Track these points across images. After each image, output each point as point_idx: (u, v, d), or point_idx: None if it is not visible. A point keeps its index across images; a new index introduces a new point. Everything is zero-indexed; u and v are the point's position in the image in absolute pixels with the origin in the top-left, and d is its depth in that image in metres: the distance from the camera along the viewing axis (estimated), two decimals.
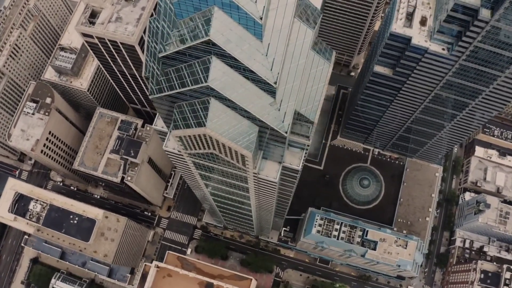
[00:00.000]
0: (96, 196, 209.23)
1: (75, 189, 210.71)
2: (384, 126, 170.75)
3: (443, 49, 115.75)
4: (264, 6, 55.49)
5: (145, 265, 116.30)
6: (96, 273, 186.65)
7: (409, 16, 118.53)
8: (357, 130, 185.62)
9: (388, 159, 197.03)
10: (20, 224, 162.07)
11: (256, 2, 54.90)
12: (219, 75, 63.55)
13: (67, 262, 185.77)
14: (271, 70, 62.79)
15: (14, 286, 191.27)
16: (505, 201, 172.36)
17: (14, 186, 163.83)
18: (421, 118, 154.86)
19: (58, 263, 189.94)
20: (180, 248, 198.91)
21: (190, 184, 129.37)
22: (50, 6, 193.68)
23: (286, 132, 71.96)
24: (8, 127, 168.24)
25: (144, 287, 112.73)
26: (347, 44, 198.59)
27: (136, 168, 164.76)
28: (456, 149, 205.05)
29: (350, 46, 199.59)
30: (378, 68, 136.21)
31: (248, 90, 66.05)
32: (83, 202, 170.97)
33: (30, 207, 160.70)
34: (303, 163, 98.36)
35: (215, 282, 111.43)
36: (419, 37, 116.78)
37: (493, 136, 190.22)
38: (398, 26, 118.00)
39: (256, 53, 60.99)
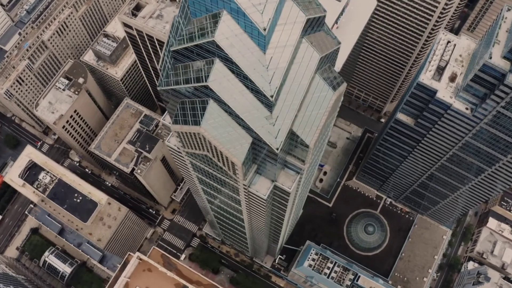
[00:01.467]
0: (107, 183, 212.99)
1: (90, 172, 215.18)
2: (399, 177, 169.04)
3: (467, 108, 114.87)
4: (269, 19, 56.93)
5: (129, 254, 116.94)
6: (89, 257, 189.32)
7: (440, 70, 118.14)
8: (373, 175, 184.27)
9: (399, 211, 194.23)
10: (27, 191, 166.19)
11: (262, 13, 56.46)
12: (219, 78, 65.11)
13: (64, 239, 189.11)
14: (270, 83, 63.91)
15: (8, 250, 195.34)
16: (507, 278, 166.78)
17: (30, 153, 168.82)
18: (436, 176, 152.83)
19: (55, 238, 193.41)
20: (175, 252, 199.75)
21: (191, 189, 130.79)
22: None
23: (277, 149, 72.46)
24: (38, 97, 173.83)
25: (121, 275, 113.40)
26: (382, 90, 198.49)
27: (148, 163, 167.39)
28: (469, 216, 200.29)
29: (384, 92, 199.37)
30: (401, 116, 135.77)
31: (246, 98, 67.27)
32: (93, 186, 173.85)
33: (40, 177, 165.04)
34: (297, 187, 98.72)
35: (190, 286, 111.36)
36: (445, 92, 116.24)
37: (510, 210, 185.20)
38: (426, 77, 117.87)
39: (258, 63, 62.33)
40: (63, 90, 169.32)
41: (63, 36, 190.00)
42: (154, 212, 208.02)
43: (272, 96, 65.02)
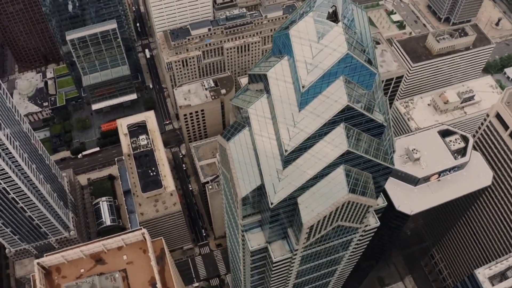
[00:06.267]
0: (190, 186, 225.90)
1: (184, 168, 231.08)
2: None
3: None
4: (312, 82, 62.00)
5: (140, 228, 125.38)
6: (130, 226, 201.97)
7: (502, 277, 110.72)
8: None
9: None
10: (124, 140, 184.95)
11: (308, 73, 62.22)
12: (259, 110, 71.36)
13: (124, 200, 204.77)
14: (291, 139, 68.46)
15: (82, 176, 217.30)
16: None
17: (148, 117, 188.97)
18: None
19: (120, 195, 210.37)
20: (193, 276, 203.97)
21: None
22: None
23: (272, 203, 75.69)
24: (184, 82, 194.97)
25: (122, 237, 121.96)
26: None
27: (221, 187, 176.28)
28: None
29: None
30: None
31: (270, 142, 71.98)
32: (176, 179, 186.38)
33: (140, 137, 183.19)
34: (289, 267, 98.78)
35: (159, 286, 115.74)
36: None
37: None
38: (482, 274, 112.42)
39: (290, 115, 67.39)
40: (205, 89, 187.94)
41: (240, 54, 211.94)
42: (204, 233, 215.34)
43: (286, 151, 69.35)
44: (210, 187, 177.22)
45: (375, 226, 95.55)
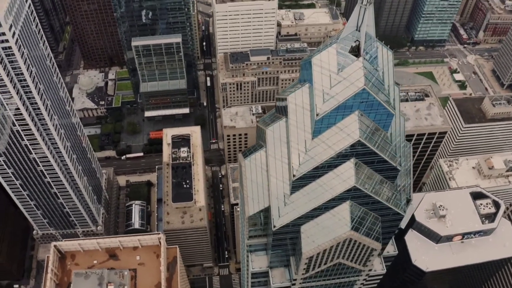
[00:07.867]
0: (222, 205, 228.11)
1: (221, 188, 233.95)
2: None
3: None
4: (326, 111, 63.50)
5: (159, 233, 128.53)
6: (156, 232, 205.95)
7: None
8: None
9: None
10: (166, 150, 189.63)
11: (323, 102, 63.48)
12: (276, 131, 73.29)
13: (157, 208, 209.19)
14: (300, 165, 69.61)
15: (122, 178, 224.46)
16: None
17: (193, 131, 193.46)
18: None
19: (153, 202, 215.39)
20: None
21: None
22: None
23: (275, 226, 76.60)
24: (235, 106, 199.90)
25: (139, 238, 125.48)
26: None
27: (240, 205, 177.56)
28: None
29: None
30: None
31: (281, 165, 73.61)
32: (210, 196, 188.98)
33: (182, 149, 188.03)
34: None
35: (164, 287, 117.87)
36: None
37: None
38: None
39: (302, 142, 68.68)
40: (252, 114, 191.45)
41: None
42: (227, 255, 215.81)
43: (294, 176, 70.46)
44: (238, 209, 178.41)
45: (380, 273, 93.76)
